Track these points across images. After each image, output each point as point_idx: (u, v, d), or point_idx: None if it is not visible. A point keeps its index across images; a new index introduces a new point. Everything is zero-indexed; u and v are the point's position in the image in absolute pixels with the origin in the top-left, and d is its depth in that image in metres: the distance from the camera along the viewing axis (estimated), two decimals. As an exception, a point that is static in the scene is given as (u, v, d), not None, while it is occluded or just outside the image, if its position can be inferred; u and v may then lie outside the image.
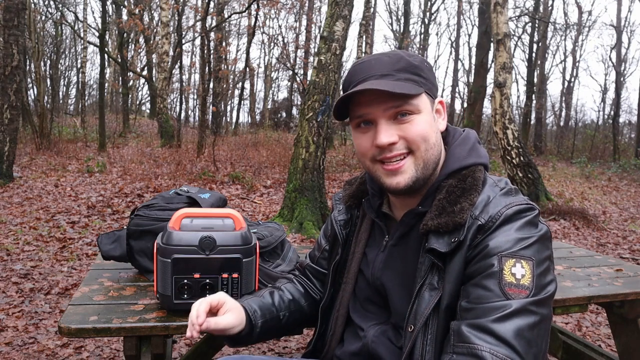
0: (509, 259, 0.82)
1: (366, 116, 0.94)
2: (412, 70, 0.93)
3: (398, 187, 0.93)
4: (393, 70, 0.91)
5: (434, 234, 0.90)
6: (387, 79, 0.90)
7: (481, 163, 0.98)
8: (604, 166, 13.68)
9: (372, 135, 0.94)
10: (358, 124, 0.96)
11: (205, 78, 11.37)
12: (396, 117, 0.92)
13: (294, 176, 5.17)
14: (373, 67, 0.93)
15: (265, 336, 1.12)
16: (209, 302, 0.98)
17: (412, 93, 0.89)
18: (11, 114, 6.47)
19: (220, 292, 1.03)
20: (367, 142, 0.95)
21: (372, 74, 0.92)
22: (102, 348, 2.43)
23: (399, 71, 0.92)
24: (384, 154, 0.93)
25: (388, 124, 0.92)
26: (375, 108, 0.92)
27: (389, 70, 0.91)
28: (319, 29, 17.64)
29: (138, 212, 1.54)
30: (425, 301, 0.89)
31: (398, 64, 0.92)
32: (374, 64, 0.93)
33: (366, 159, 0.97)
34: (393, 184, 0.94)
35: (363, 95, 0.92)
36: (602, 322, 3.07)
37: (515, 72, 20.95)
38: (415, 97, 0.92)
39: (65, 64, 24.81)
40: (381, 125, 0.92)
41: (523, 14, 17.78)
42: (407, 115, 0.92)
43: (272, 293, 1.16)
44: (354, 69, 0.96)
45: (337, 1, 5.17)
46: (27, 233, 4.45)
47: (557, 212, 6.50)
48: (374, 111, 0.92)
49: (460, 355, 0.80)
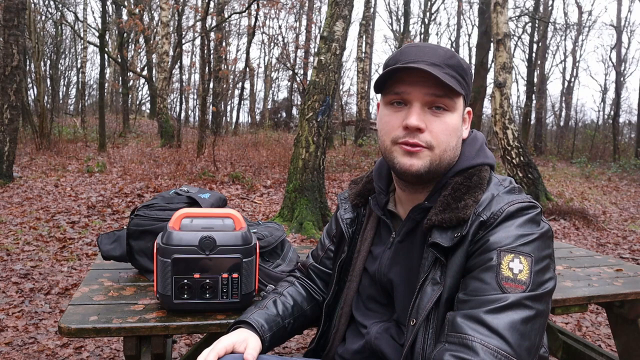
0: (507, 254, 0.83)
1: (404, 95, 0.93)
2: (459, 71, 0.93)
3: (411, 169, 0.93)
4: (444, 64, 0.92)
5: (437, 229, 0.91)
6: (437, 69, 0.90)
7: (488, 163, 0.99)
8: (604, 166, 13.67)
9: (403, 115, 0.93)
10: (391, 102, 0.95)
11: (205, 78, 11.37)
12: (431, 107, 0.92)
13: (294, 176, 5.17)
14: (426, 54, 0.93)
15: (271, 348, 1.11)
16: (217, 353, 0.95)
17: (456, 89, 0.90)
18: (11, 114, 6.47)
19: (220, 339, 0.99)
20: (396, 122, 0.94)
21: (424, 59, 0.91)
22: (102, 348, 2.43)
23: (449, 66, 0.92)
24: (407, 137, 0.93)
25: (423, 109, 0.92)
26: (416, 89, 0.91)
27: (441, 62, 0.92)
28: (319, 29, 17.64)
29: (138, 212, 1.54)
30: (428, 295, 0.89)
31: (450, 60, 0.93)
32: (427, 51, 0.93)
33: (388, 138, 0.96)
34: (407, 165, 0.93)
35: (408, 75, 0.92)
36: (602, 322, 3.07)
37: (515, 72, 20.97)
38: (455, 96, 0.93)
39: (65, 64, 24.84)
40: (415, 108, 0.92)
41: (523, 14, 17.79)
42: (442, 110, 0.92)
43: (275, 302, 1.15)
44: (407, 50, 0.95)
45: (337, 1, 5.17)
46: (27, 233, 4.45)
47: (557, 212, 6.50)
48: (415, 92, 0.92)
49: (452, 345, 0.80)
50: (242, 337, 1.01)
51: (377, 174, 1.09)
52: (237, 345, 0.98)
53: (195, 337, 2.56)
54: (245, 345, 0.99)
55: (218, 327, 1.23)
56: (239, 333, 1.02)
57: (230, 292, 1.24)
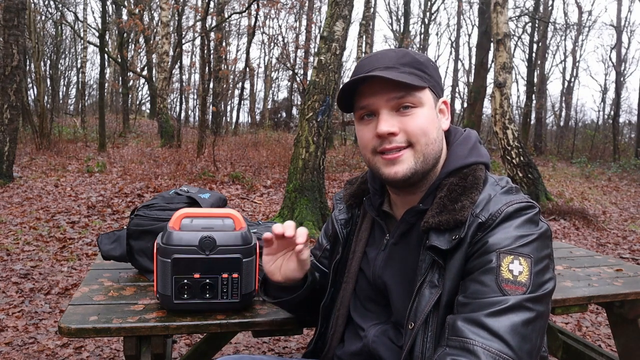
0: (507, 256, 0.83)
1: (369, 107, 0.94)
2: (416, 66, 0.94)
3: (396, 176, 0.93)
4: (398, 64, 0.93)
5: (434, 232, 0.90)
6: (392, 71, 0.91)
7: (482, 162, 0.98)
8: (604, 166, 13.67)
9: (374, 126, 0.94)
10: (362, 116, 0.97)
11: (205, 78, 11.37)
12: (398, 109, 0.93)
13: (294, 176, 5.17)
14: (378, 60, 0.94)
15: (299, 298, 1.12)
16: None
17: (414, 84, 0.90)
18: (11, 114, 6.47)
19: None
20: (369, 133, 0.96)
21: (377, 66, 0.93)
22: (102, 348, 2.43)
23: (403, 65, 0.93)
24: (383, 144, 0.93)
25: (390, 114, 0.93)
26: (378, 98, 0.93)
27: (394, 64, 0.93)
28: (319, 29, 17.65)
29: (138, 212, 1.54)
30: (426, 299, 0.89)
31: (403, 58, 0.94)
32: (379, 57, 0.95)
33: (367, 150, 0.97)
34: (391, 174, 0.94)
35: (367, 86, 0.93)
36: (602, 322, 3.07)
37: (515, 72, 20.97)
38: (418, 90, 0.93)
39: (65, 64, 24.85)
40: (383, 115, 0.93)
41: (523, 14, 17.79)
42: (409, 108, 0.93)
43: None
44: (361, 62, 0.97)
45: (337, 1, 5.16)
46: (27, 233, 4.45)
47: (557, 212, 6.50)
48: (377, 101, 0.93)
49: (453, 349, 0.80)
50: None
51: (372, 175, 1.09)
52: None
53: (195, 337, 2.56)
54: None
55: (218, 327, 1.23)
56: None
57: (230, 292, 1.24)
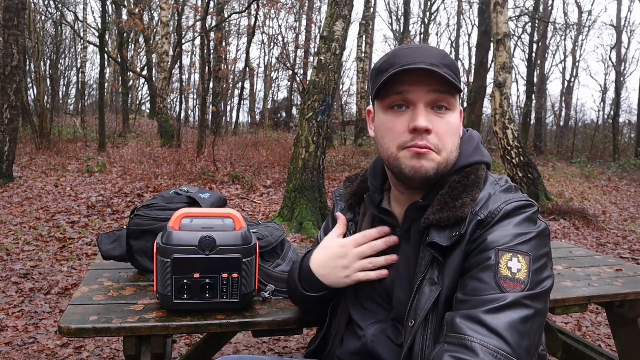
0: (505, 253, 0.83)
1: (407, 94, 0.90)
2: (454, 70, 0.92)
3: (420, 170, 0.91)
4: (441, 64, 0.90)
5: (435, 229, 0.91)
6: (436, 68, 0.89)
7: (484, 162, 0.99)
8: (604, 166, 13.67)
9: (408, 119, 0.91)
10: (392, 105, 0.93)
11: (205, 78, 11.37)
12: (434, 107, 0.91)
13: (294, 176, 5.17)
14: (422, 55, 0.90)
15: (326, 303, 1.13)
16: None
17: (458, 86, 0.89)
18: (11, 114, 6.47)
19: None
20: (402, 126, 0.91)
21: (422, 60, 0.89)
22: (102, 348, 2.43)
23: (445, 66, 0.90)
24: (415, 140, 0.90)
25: (427, 110, 0.91)
26: (419, 89, 0.89)
27: (438, 62, 0.90)
28: (319, 29, 17.63)
29: (138, 212, 1.54)
30: (426, 296, 0.89)
31: (445, 59, 0.91)
32: (423, 52, 0.91)
33: (394, 145, 0.93)
34: (416, 167, 0.91)
35: (409, 76, 0.89)
36: (602, 322, 3.07)
37: (515, 72, 20.97)
38: (455, 94, 0.92)
39: (65, 64, 24.82)
40: (421, 109, 0.90)
41: (523, 14, 17.78)
42: (444, 110, 0.91)
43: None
44: (401, 52, 0.92)
45: (337, 1, 5.17)
46: (27, 233, 4.45)
47: (557, 212, 6.50)
48: (418, 92, 0.89)
49: (452, 346, 0.80)
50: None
51: (372, 172, 1.09)
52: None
53: (195, 337, 2.56)
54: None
55: (218, 327, 1.23)
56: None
57: (230, 292, 1.24)
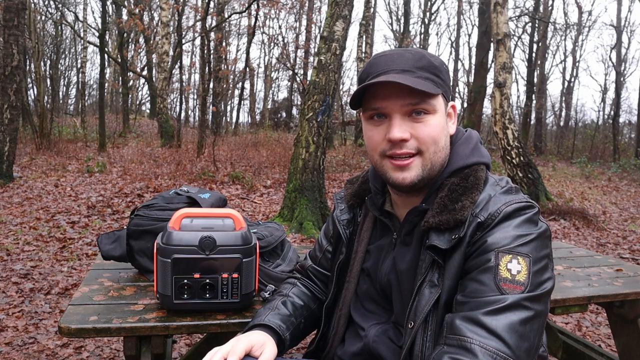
0: (505, 255, 0.83)
1: (382, 109, 0.92)
2: (432, 70, 0.92)
3: (404, 182, 0.93)
4: (414, 67, 0.91)
5: (435, 231, 0.91)
6: (408, 75, 0.89)
7: (483, 162, 0.98)
8: (604, 166, 13.67)
9: (385, 129, 0.93)
10: (371, 116, 0.95)
11: (205, 78, 11.36)
12: (411, 114, 0.91)
13: (294, 176, 5.17)
14: (395, 61, 0.92)
15: (291, 347, 1.10)
16: (238, 356, 0.93)
17: (431, 92, 0.89)
18: (11, 114, 6.46)
19: (239, 338, 0.98)
20: (379, 136, 0.94)
21: (393, 68, 0.91)
22: (102, 348, 2.43)
23: (420, 69, 0.91)
24: (394, 149, 0.92)
25: (403, 119, 0.92)
26: (392, 102, 0.91)
27: (411, 67, 0.91)
28: (319, 29, 17.64)
29: (138, 212, 1.54)
30: (425, 298, 0.89)
31: (420, 61, 0.92)
32: (395, 58, 0.92)
33: (375, 152, 0.96)
34: (399, 179, 0.93)
35: (381, 88, 0.91)
36: (602, 322, 3.07)
37: (515, 72, 20.95)
38: (433, 97, 0.91)
39: (65, 64, 24.80)
40: (395, 120, 0.91)
41: (523, 14, 17.78)
42: (422, 115, 0.91)
43: (284, 303, 1.14)
44: (375, 61, 0.94)
45: (337, 1, 5.16)
46: (27, 233, 4.45)
47: (557, 212, 6.50)
48: (391, 105, 0.91)
49: (451, 347, 0.80)
50: (260, 341, 0.99)
51: (373, 174, 1.09)
52: (255, 348, 0.97)
53: (195, 337, 2.56)
54: (262, 351, 0.97)
55: (218, 327, 1.23)
56: (257, 335, 1.01)
57: (230, 292, 1.24)
